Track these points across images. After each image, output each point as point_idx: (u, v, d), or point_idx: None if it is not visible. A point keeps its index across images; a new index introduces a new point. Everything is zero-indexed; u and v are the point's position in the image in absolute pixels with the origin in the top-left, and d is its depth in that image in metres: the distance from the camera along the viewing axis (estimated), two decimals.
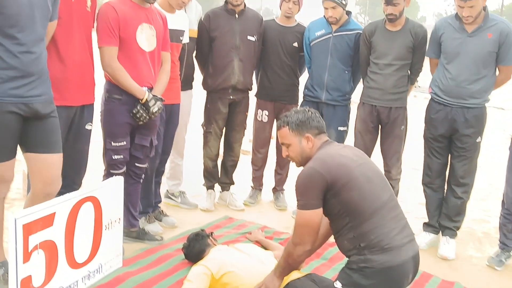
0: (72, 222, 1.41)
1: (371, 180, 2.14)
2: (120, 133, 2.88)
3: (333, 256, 3.13)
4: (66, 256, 1.39)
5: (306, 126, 2.28)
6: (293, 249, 2.19)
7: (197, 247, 2.75)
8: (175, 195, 3.96)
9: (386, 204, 2.12)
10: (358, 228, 2.07)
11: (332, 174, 2.08)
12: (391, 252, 2.03)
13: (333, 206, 2.12)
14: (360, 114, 3.70)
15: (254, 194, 4.24)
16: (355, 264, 2.06)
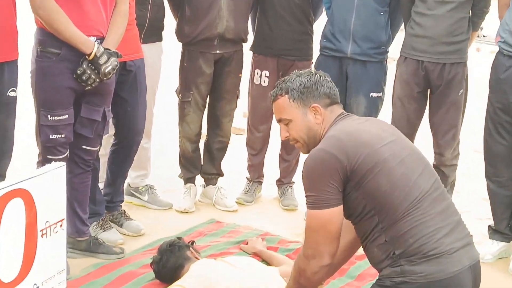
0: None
1: (405, 162, 2.13)
2: (60, 102, 2.86)
3: (363, 273, 3.16)
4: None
5: (313, 93, 2.26)
6: (306, 265, 2.18)
7: (172, 262, 2.77)
8: (140, 190, 3.97)
9: (428, 194, 2.11)
10: (391, 229, 2.06)
11: (352, 158, 2.07)
12: (438, 260, 2.02)
13: (355, 202, 2.11)
14: (401, 74, 3.67)
15: (252, 189, 4.25)
16: (388, 280, 2.06)
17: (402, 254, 2.04)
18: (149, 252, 3.19)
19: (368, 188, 2.08)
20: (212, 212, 3.98)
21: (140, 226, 3.55)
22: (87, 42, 2.82)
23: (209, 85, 3.90)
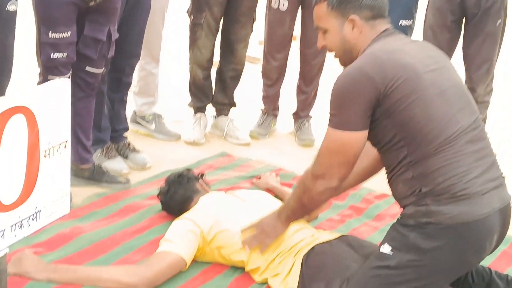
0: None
1: (446, 94, 2.09)
2: (62, 18, 2.83)
3: (382, 213, 3.19)
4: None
5: (353, 3, 2.19)
6: (312, 184, 2.19)
7: (180, 194, 2.79)
8: (146, 119, 3.99)
9: (466, 131, 2.07)
10: (420, 165, 2.04)
11: (388, 80, 2.03)
12: (467, 201, 2.01)
13: (385, 130, 2.09)
14: (434, 2, 3.62)
15: (266, 122, 4.26)
16: (412, 219, 2.06)
17: (429, 193, 2.03)
18: (156, 183, 3.22)
19: (401, 117, 2.04)
20: (223, 145, 4.00)
21: (147, 159, 3.56)
22: None
23: (223, 6, 3.84)
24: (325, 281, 2.27)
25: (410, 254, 2.05)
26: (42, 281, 2.31)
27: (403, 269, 2.06)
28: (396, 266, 2.06)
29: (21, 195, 1.53)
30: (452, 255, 2.05)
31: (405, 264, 2.05)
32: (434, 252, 2.03)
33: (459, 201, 2.01)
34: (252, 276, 2.51)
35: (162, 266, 2.38)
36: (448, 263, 2.07)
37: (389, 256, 2.08)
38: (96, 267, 2.44)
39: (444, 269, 2.07)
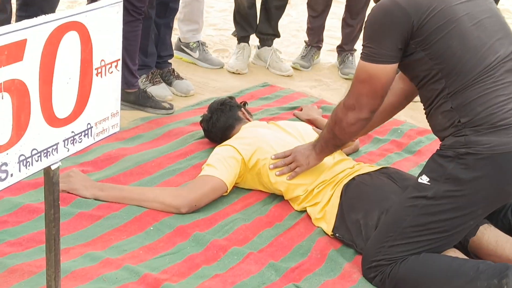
0: (50, 58, 1.42)
1: (483, 24, 2.05)
2: None
3: (423, 149, 3.18)
4: (41, 107, 1.43)
5: None
6: (344, 114, 2.21)
7: (223, 121, 2.81)
8: (191, 46, 3.98)
9: (504, 61, 2.04)
10: (459, 96, 2.02)
11: (422, 11, 2.00)
12: (506, 131, 1.98)
13: (421, 62, 2.06)
14: None
15: (309, 54, 4.23)
16: (451, 150, 2.04)
17: (468, 123, 2.01)
18: (199, 110, 3.24)
19: (437, 48, 2.02)
20: (265, 75, 3.99)
21: (190, 87, 3.57)
22: None
23: None
24: (363, 210, 2.29)
25: (448, 185, 2.04)
26: (88, 198, 2.38)
27: (440, 200, 2.06)
28: (434, 196, 2.06)
29: (74, 111, 1.54)
30: (491, 185, 2.04)
31: (442, 195, 2.05)
32: (472, 183, 2.02)
33: (499, 131, 1.99)
34: (291, 205, 2.54)
35: (205, 189, 2.42)
36: (486, 194, 2.06)
37: (427, 186, 2.08)
38: (141, 187, 2.49)
39: (482, 200, 2.07)
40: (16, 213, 2.24)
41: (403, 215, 2.11)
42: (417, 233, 2.08)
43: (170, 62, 3.65)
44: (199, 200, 2.41)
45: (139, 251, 2.15)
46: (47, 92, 1.44)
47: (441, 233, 2.08)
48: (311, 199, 2.47)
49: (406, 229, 2.09)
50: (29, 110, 1.41)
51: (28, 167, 1.46)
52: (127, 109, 3.19)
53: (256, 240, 2.31)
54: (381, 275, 2.12)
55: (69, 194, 2.38)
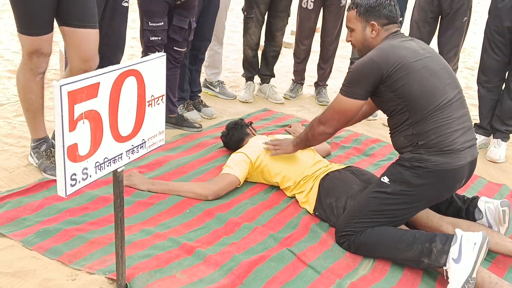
0: (116, 94, 1.42)
1: (437, 74, 2.02)
2: (158, 12, 2.81)
3: (375, 153, 3.16)
4: (110, 129, 1.43)
5: (375, 13, 2.14)
6: (316, 126, 2.21)
7: (236, 136, 2.79)
8: (213, 84, 3.97)
9: (452, 102, 2.01)
10: (419, 125, 1.99)
11: (390, 65, 1.98)
12: (450, 155, 1.96)
13: (391, 100, 2.04)
14: (419, 3, 3.48)
15: (295, 88, 4.20)
16: (408, 162, 2.02)
17: (423, 145, 1.99)
18: (219, 128, 3.23)
19: (402, 90, 2.00)
20: (265, 103, 3.97)
21: (214, 112, 3.55)
22: None
23: (267, 5, 3.75)
24: (335, 197, 2.27)
25: (403, 186, 2.02)
26: (144, 190, 2.37)
27: (395, 195, 2.04)
28: (391, 192, 2.04)
29: (133, 131, 1.54)
30: (433, 190, 2.02)
31: (397, 192, 2.03)
32: (420, 187, 2.01)
33: (444, 154, 1.97)
34: (285, 193, 2.53)
35: (224, 183, 2.41)
36: (428, 195, 2.04)
37: (387, 185, 2.06)
38: (180, 182, 2.48)
39: (425, 199, 2.06)
40: (94, 202, 2.23)
41: (368, 202, 2.09)
42: (376, 215, 2.06)
43: (199, 95, 3.64)
44: (221, 190, 2.39)
45: (179, 227, 2.14)
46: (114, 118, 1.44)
47: (393, 218, 2.07)
48: (298, 188, 2.46)
49: (369, 212, 2.07)
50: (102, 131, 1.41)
51: (101, 170, 1.45)
52: (170, 128, 3.18)
53: (260, 218, 2.29)
54: (348, 241, 2.10)
55: (130, 188, 2.37)
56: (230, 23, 5.46)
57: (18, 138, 2.77)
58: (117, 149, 1.49)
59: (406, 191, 2.02)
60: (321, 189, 2.34)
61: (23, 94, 2.32)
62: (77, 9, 2.20)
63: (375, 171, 2.81)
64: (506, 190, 2.83)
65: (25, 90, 2.30)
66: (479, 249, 1.86)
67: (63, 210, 2.14)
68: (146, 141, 1.61)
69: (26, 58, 2.23)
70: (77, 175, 1.37)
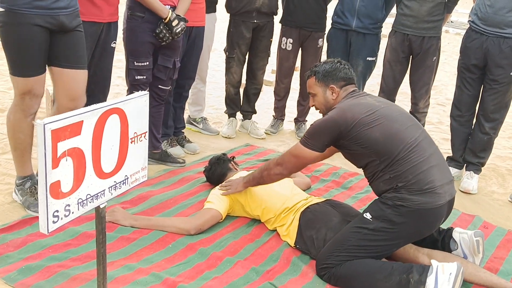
0: (99, 132, 1.42)
1: (396, 119, 2.09)
2: (143, 52, 2.84)
3: (353, 186, 3.17)
4: (93, 165, 1.41)
5: (332, 77, 2.26)
6: (273, 166, 2.26)
7: (219, 171, 2.78)
8: (197, 121, 3.98)
9: (419, 141, 2.06)
10: (393, 169, 2.02)
11: (348, 122, 2.06)
12: (430, 194, 1.99)
13: (359, 153, 2.09)
14: (391, 43, 3.57)
15: (276, 124, 4.24)
16: (390, 200, 2.03)
17: (403, 186, 2.01)
18: (202, 163, 3.22)
19: (365, 141, 2.05)
20: (247, 139, 3.99)
21: (197, 147, 3.54)
22: (164, 9, 2.77)
23: (248, 45, 3.82)
24: (315, 229, 2.27)
25: (384, 223, 2.03)
26: (127, 226, 2.33)
27: (377, 232, 2.04)
28: (373, 229, 2.05)
29: (115, 167, 1.53)
30: (414, 228, 2.04)
31: (379, 229, 2.04)
32: (401, 225, 2.02)
33: (425, 193, 1.99)
34: (266, 226, 2.51)
35: (207, 217, 2.39)
36: (409, 233, 2.06)
37: (369, 221, 2.07)
38: (163, 217, 2.45)
39: (405, 237, 2.07)
40: (77, 238, 2.19)
41: (349, 236, 2.09)
42: (357, 250, 2.06)
43: (183, 131, 3.64)
44: (203, 225, 2.37)
45: (162, 262, 2.10)
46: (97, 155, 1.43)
47: (373, 253, 2.07)
48: (279, 221, 2.44)
49: (350, 247, 2.07)
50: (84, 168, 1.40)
51: (84, 206, 1.43)
52: (154, 164, 3.16)
53: (242, 251, 2.26)
54: (328, 274, 2.09)
55: (113, 223, 2.33)
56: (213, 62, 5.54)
57: (3, 176, 2.72)
58: (100, 185, 1.48)
59: (388, 228, 2.03)
60: (301, 222, 2.33)
61: (13, 133, 2.29)
62: (67, 51, 2.22)
63: (353, 204, 2.82)
64: (479, 221, 2.85)
65: (15, 129, 2.28)
66: (454, 279, 1.86)
67: (46, 246, 2.09)
68: (128, 177, 1.59)
69: (18, 99, 2.21)
70: (59, 212, 1.35)
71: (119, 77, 5.20)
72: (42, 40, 2.13)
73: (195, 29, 3.26)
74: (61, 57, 2.21)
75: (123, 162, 1.55)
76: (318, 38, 3.89)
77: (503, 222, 2.89)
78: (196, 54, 3.39)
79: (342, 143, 2.12)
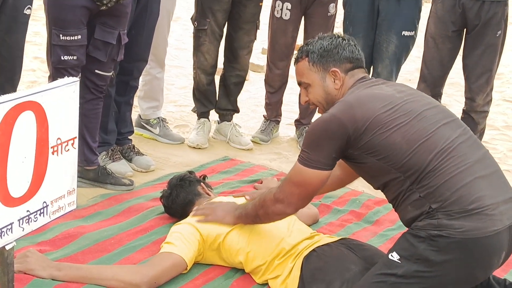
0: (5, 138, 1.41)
1: (424, 115, 2.11)
2: (73, 21, 2.84)
3: (381, 218, 3.19)
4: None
5: (333, 57, 2.27)
6: (272, 204, 2.27)
7: (182, 197, 2.78)
8: (151, 123, 3.99)
9: (458, 143, 2.08)
10: (423, 184, 2.03)
11: (359, 123, 2.07)
12: (478, 216, 1.99)
13: (375, 166, 2.10)
14: (437, 12, 3.62)
15: (268, 128, 4.27)
16: (423, 231, 2.03)
17: (439, 208, 2.01)
18: (159, 186, 3.21)
19: (381, 150, 2.07)
20: (226, 150, 4.00)
21: (150, 162, 3.55)
22: None
23: (226, 12, 3.85)
24: (325, 282, 2.27)
25: (418, 265, 2.03)
26: (46, 278, 2.30)
27: (409, 279, 2.04)
28: (403, 274, 2.05)
29: (29, 189, 1.53)
30: (460, 269, 2.04)
31: (412, 274, 2.04)
32: (442, 265, 2.02)
33: (471, 216, 1.99)
34: (253, 278, 2.51)
35: (164, 266, 2.37)
36: (455, 277, 2.06)
37: (397, 264, 2.07)
38: (99, 266, 2.43)
39: (450, 282, 2.06)
40: None
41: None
42: None
43: (130, 138, 3.65)
44: (159, 277, 2.35)
45: None
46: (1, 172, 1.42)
47: None
48: (271, 271, 2.45)
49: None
50: None
51: None
52: (87, 187, 3.16)
53: None
54: None
55: (25, 274, 2.31)
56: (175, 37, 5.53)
57: None
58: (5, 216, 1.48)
59: (424, 271, 2.04)
60: (304, 272, 2.33)
61: None
62: None
63: (381, 245, 2.83)
64: None
65: None
66: None
67: None
68: (48, 205, 1.60)
69: None
70: None
71: (36, 58, 5.20)
72: None
73: None
74: None
75: (40, 182, 1.55)
76: (329, 2, 3.93)
77: None
78: (150, 24, 3.41)
79: (351, 154, 2.14)
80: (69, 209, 1.66)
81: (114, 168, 3.34)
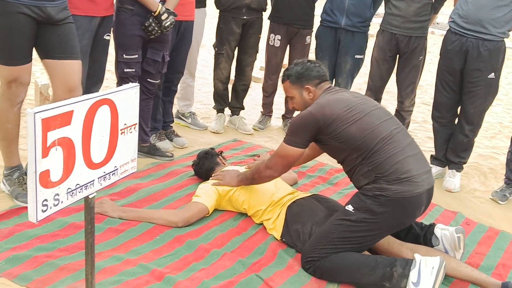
0: (89, 122, 1.41)
1: (372, 114, 2.13)
2: (132, 45, 2.83)
3: (339, 182, 3.20)
4: (83, 156, 1.41)
5: (306, 77, 2.27)
6: (263, 169, 2.29)
7: (207, 165, 2.79)
8: (185, 115, 3.98)
9: (394, 133, 2.09)
10: (371, 161, 2.05)
11: (326, 117, 2.08)
12: (408, 183, 2.02)
13: (337, 147, 2.12)
14: (379, 42, 3.60)
15: (264, 120, 4.25)
16: (370, 192, 2.06)
17: (381, 177, 2.04)
18: (190, 157, 3.22)
19: (342, 136, 2.08)
20: (235, 134, 3.99)
21: (185, 141, 3.54)
22: (154, 2, 2.76)
23: (237, 41, 3.82)
24: (301, 223, 2.29)
25: (366, 214, 2.06)
26: (115, 217, 2.33)
27: (359, 223, 2.07)
28: (355, 220, 2.07)
29: (105, 158, 1.53)
30: (394, 218, 2.06)
31: (361, 220, 2.06)
32: (382, 215, 2.04)
33: (403, 182, 2.02)
34: (253, 219, 2.52)
35: (194, 211, 2.40)
36: (390, 222, 2.08)
37: (351, 213, 2.09)
38: (151, 210, 2.45)
39: (387, 226, 2.09)
40: (65, 229, 2.18)
41: (333, 229, 2.11)
42: (340, 242, 2.09)
43: (171, 125, 3.63)
44: (190, 218, 2.38)
45: (150, 253, 2.10)
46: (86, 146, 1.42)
47: (356, 244, 2.09)
48: (266, 215, 2.46)
49: (334, 239, 2.09)
50: (74, 157, 1.39)
51: (73, 196, 1.43)
52: (142, 157, 3.15)
53: (229, 244, 2.28)
54: (313, 267, 2.11)
55: (101, 215, 2.33)
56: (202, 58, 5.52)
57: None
58: (89, 175, 1.47)
59: (369, 218, 2.05)
60: (288, 216, 2.35)
61: (0, 123, 2.27)
62: (59, 42, 2.21)
63: (339, 199, 2.84)
64: (461, 218, 2.90)
65: (2, 119, 2.26)
66: (436, 273, 1.90)
67: (34, 237, 2.08)
68: (118, 168, 1.59)
69: (5, 88, 2.20)
70: (48, 201, 1.34)
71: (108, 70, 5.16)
72: (28, 29, 2.11)
73: (184, 23, 3.26)
74: (54, 49, 2.20)
75: (113, 152, 1.54)
76: (306, 35, 3.91)
77: (484, 219, 2.95)
78: (185, 48, 3.38)
79: (321, 138, 2.15)
80: (131, 171, 1.65)
81: (160, 145, 3.34)
